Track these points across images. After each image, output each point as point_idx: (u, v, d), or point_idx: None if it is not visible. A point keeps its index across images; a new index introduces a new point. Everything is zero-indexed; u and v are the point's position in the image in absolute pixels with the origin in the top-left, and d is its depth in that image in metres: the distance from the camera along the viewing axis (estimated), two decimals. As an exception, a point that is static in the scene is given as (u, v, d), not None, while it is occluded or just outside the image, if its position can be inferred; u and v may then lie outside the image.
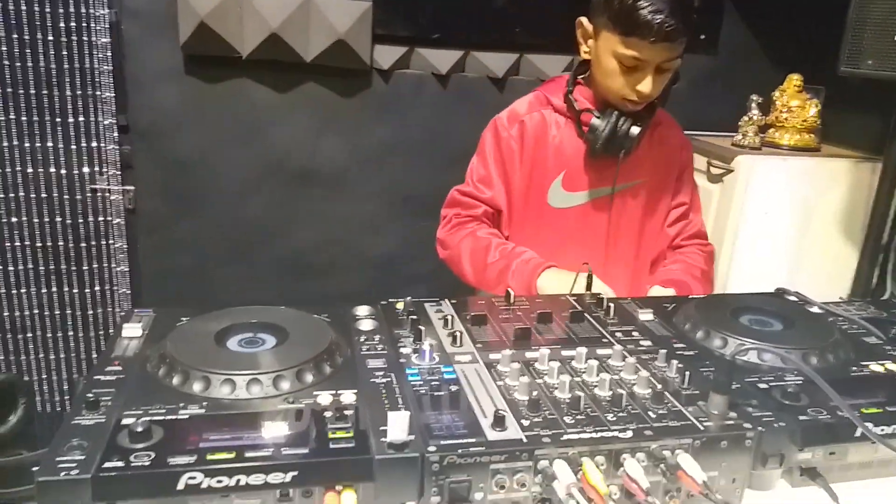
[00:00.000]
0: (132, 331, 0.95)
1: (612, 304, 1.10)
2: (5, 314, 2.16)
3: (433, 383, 0.86)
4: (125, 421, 0.73)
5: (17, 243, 2.12)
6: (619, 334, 1.03)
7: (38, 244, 2.14)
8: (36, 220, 2.12)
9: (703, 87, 2.33)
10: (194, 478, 0.66)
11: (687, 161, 1.52)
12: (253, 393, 0.80)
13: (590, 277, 1.20)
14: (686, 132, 2.28)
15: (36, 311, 2.19)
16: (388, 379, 0.86)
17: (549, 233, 1.43)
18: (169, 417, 0.75)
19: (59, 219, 2.14)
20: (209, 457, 0.68)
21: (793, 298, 1.22)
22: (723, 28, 2.29)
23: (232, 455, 0.69)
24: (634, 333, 1.04)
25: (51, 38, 1.98)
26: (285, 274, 2.28)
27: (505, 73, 2.23)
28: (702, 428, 0.79)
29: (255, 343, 0.91)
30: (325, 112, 2.18)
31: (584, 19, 1.33)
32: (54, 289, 2.19)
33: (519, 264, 1.34)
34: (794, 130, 2.02)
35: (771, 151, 1.99)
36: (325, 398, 0.80)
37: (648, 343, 1.01)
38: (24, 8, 1.93)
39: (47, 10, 1.95)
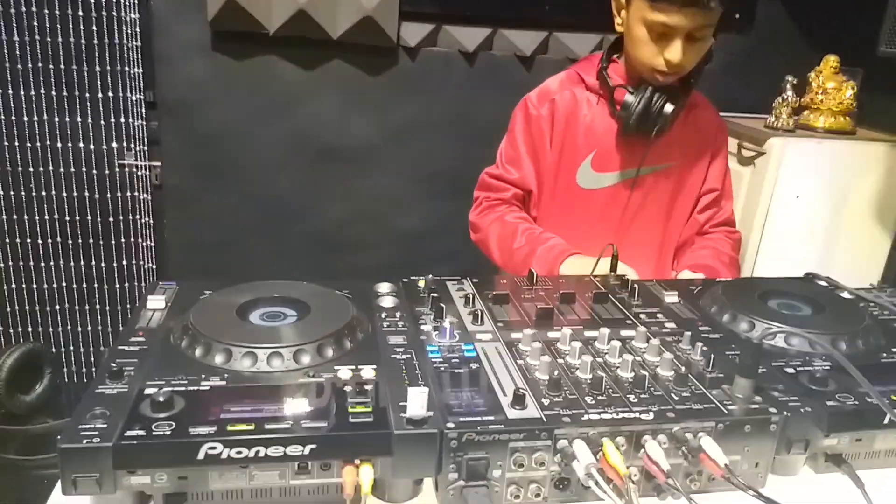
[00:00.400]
0: (156, 303, 0.96)
1: (636, 286, 1.08)
2: (34, 286, 2.20)
3: (453, 360, 0.86)
4: (147, 391, 0.73)
5: (46, 217, 2.16)
6: (643, 316, 1.01)
7: (67, 218, 2.17)
8: (64, 195, 2.15)
9: (736, 68, 2.28)
10: (214, 448, 0.66)
11: (721, 144, 1.48)
12: (274, 366, 0.81)
13: (614, 259, 1.18)
14: (720, 113, 2.26)
15: (64, 284, 2.23)
16: (409, 355, 0.86)
17: (576, 213, 1.42)
18: (191, 388, 0.75)
19: (86, 193, 2.17)
20: (229, 428, 0.68)
21: (823, 283, 1.19)
22: (758, 7, 2.23)
23: (251, 427, 0.69)
24: (659, 316, 1.02)
25: (80, 13, 1.99)
26: (312, 250, 2.30)
27: (533, 52, 2.20)
28: (726, 411, 0.78)
29: (277, 317, 0.92)
30: (352, 89, 2.18)
31: None
32: (82, 262, 2.22)
33: (543, 251, 1.33)
34: (829, 113, 1.97)
35: (805, 134, 1.94)
36: (345, 373, 0.80)
37: (673, 325, 0.99)
38: (54, -17, 1.95)
39: (76, -15, 1.97)
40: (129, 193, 2.22)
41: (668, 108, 1.29)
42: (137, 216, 2.24)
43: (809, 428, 0.79)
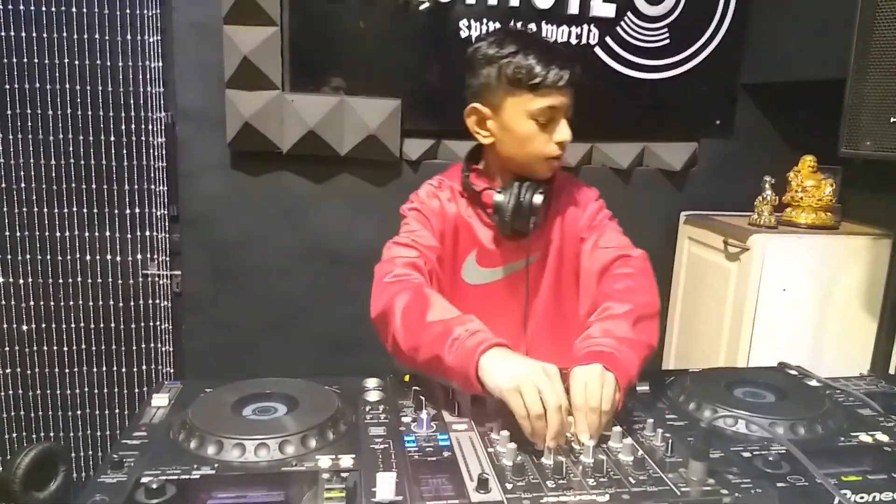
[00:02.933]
0: (160, 400, 1.05)
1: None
2: (57, 391, 2.30)
3: (427, 449, 0.92)
4: (144, 480, 0.81)
5: (73, 325, 2.28)
6: (613, 406, 1.07)
7: (91, 325, 2.29)
8: (91, 304, 2.28)
9: (720, 170, 2.40)
10: (199, 530, 0.74)
11: (591, 211, 1.39)
12: (260, 456, 0.88)
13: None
14: (704, 212, 2.37)
15: (86, 390, 2.32)
16: (386, 445, 0.93)
17: (467, 309, 1.16)
18: (182, 477, 0.83)
19: (111, 302, 2.30)
20: (213, 512, 0.76)
21: (793, 372, 1.24)
22: (737, 113, 2.38)
23: (234, 510, 0.76)
24: (629, 404, 1.08)
25: (112, 138, 2.19)
26: (321, 349, 2.38)
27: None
28: (678, 493, 0.83)
29: (268, 411, 1.00)
30: (358, 200, 2.32)
31: (476, 105, 1.30)
32: (104, 368, 2.33)
33: (463, 334, 1.04)
34: (810, 209, 2.06)
35: (787, 230, 2.02)
36: (325, 461, 0.87)
37: (640, 413, 1.05)
38: (89, 112, 2.16)
39: (110, 113, 2.17)
40: (150, 301, 2.34)
41: (538, 198, 1.28)
42: (158, 322, 2.36)
43: (761, 509, 0.83)
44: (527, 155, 1.29)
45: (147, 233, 2.29)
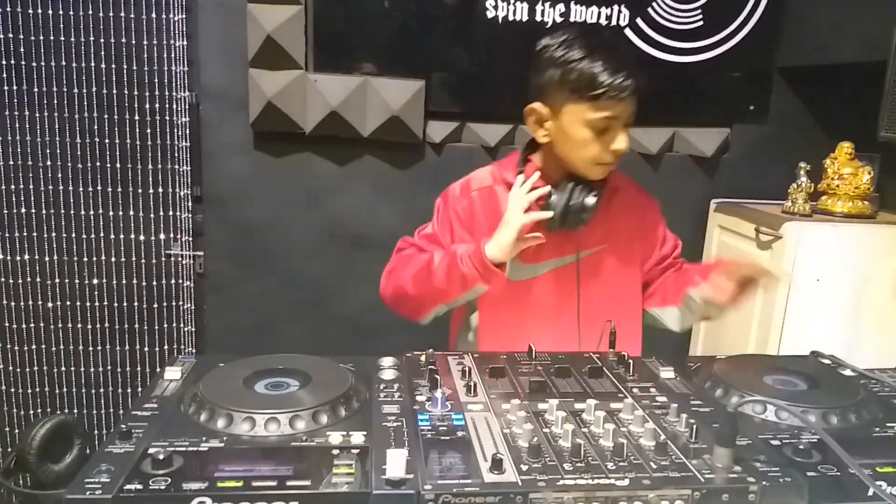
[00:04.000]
0: (173, 373, 1.04)
1: (632, 362, 1.11)
2: (81, 369, 2.32)
3: (441, 428, 0.90)
4: (151, 450, 0.79)
5: (97, 303, 2.30)
6: (636, 390, 1.04)
7: (115, 304, 2.31)
8: (115, 283, 2.29)
9: (753, 156, 2.34)
10: (204, 502, 0.72)
11: (655, 222, 1.47)
12: (270, 430, 0.86)
13: (612, 335, 1.21)
14: (737, 200, 2.30)
15: (109, 368, 2.34)
16: (399, 423, 0.90)
17: (515, 306, 1.36)
18: (191, 449, 0.81)
19: (135, 281, 2.31)
20: (219, 484, 0.74)
21: (826, 361, 1.19)
22: (772, 98, 2.30)
23: (240, 484, 0.74)
24: (652, 390, 1.04)
25: (136, 117, 2.19)
26: (342, 332, 2.36)
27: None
28: (702, 479, 0.79)
29: (280, 386, 0.98)
30: (380, 182, 2.30)
31: (536, 105, 1.29)
32: (127, 347, 2.34)
33: (462, 248, 1.28)
34: (846, 198, 1.99)
35: (822, 218, 1.96)
36: (335, 438, 0.85)
37: (664, 399, 1.01)
38: (114, 91, 2.16)
39: (135, 92, 2.17)
40: (173, 281, 2.35)
41: (591, 200, 1.28)
42: (180, 302, 2.36)
43: (790, 499, 0.79)
44: (580, 160, 1.29)
45: (171, 213, 2.29)
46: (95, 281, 2.29)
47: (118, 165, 2.22)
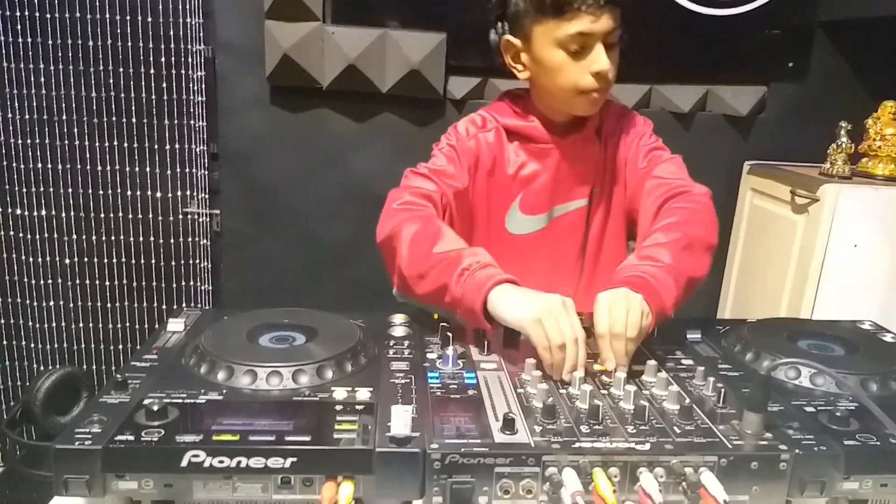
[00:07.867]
0: (175, 325, 1.00)
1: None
2: (99, 325, 2.32)
3: (451, 387, 0.85)
4: (146, 401, 0.76)
5: (114, 260, 2.28)
6: (659, 352, 0.98)
7: (133, 262, 2.29)
8: (131, 240, 2.28)
9: (791, 116, 2.23)
10: (197, 456, 0.68)
11: (643, 139, 1.27)
12: (272, 384, 0.82)
13: None
14: (773, 161, 2.20)
15: (127, 325, 2.33)
16: (408, 380, 0.86)
17: (513, 261, 1.17)
18: (188, 401, 0.78)
19: (151, 238, 2.29)
20: (214, 437, 0.70)
21: (866, 326, 1.12)
22: (813, 55, 2.18)
23: (236, 438, 0.70)
24: (678, 352, 0.99)
25: (152, 70, 2.15)
26: (359, 292, 2.33)
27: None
28: (730, 446, 0.74)
29: (285, 340, 0.94)
30: (400, 140, 2.24)
31: (507, 37, 1.19)
32: (144, 304, 2.33)
33: (474, 265, 0.99)
34: (888, 160, 1.88)
35: (862, 181, 1.86)
36: (340, 394, 0.81)
37: (690, 362, 0.95)
38: (129, 44, 2.11)
39: (150, 45, 2.12)
40: (190, 239, 2.32)
41: None
42: (197, 261, 2.34)
43: (825, 469, 0.73)
44: (560, 89, 1.17)
45: (187, 169, 2.26)
46: (112, 238, 2.27)
47: (133, 120, 2.18)
